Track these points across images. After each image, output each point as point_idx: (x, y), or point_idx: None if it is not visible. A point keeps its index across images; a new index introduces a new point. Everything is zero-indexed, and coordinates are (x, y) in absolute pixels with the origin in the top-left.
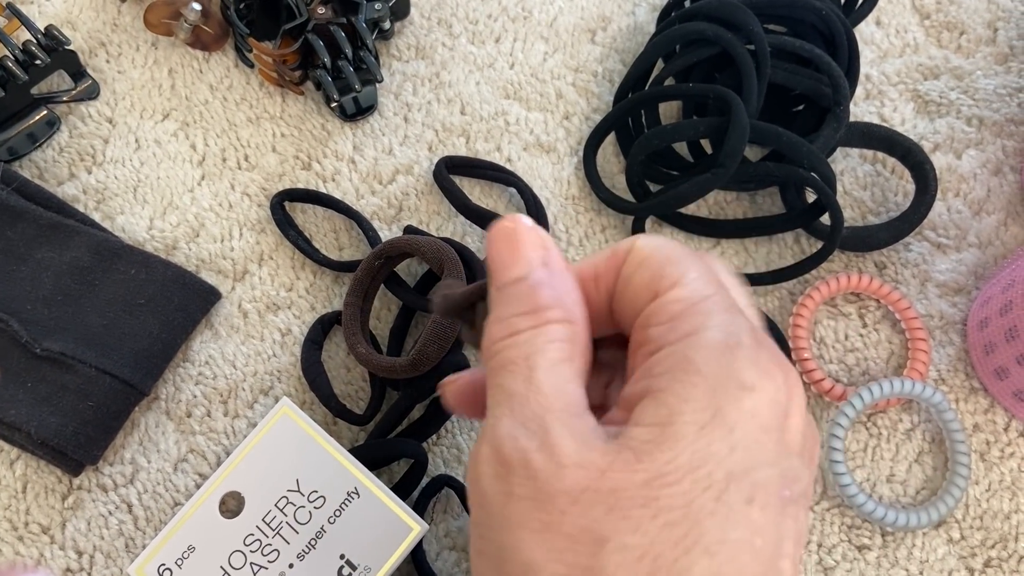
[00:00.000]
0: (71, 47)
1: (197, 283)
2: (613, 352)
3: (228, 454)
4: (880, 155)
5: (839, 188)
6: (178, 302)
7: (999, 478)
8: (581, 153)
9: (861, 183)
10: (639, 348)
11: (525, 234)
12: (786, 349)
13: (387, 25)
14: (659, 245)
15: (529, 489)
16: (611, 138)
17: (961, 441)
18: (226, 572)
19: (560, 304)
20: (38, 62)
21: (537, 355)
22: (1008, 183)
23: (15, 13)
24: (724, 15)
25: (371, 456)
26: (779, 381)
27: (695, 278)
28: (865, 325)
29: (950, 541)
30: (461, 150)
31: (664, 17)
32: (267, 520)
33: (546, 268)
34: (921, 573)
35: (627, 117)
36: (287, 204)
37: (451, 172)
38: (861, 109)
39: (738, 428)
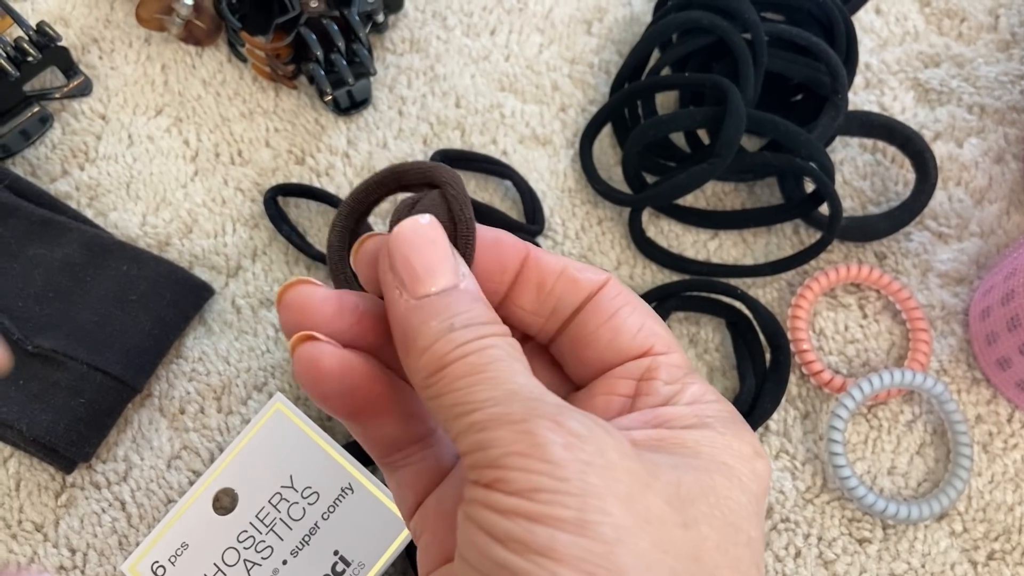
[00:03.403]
0: (63, 43)
1: (190, 279)
2: None
3: (221, 451)
4: (880, 144)
5: (839, 178)
6: (171, 298)
7: (1002, 470)
8: (577, 145)
9: (861, 172)
10: (644, 394)
11: (443, 238)
12: (786, 341)
13: (381, 18)
14: (630, 293)
15: (605, 461)
16: (607, 130)
17: (963, 432)
18: (220, 569)
19: (494, 316)
20: (30, 59)
21: (515, 363)
22: (1010, 171)
23: (6, 10)
24: (720, 3)
25: (365, 452)
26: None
27: (674, 343)
28: (865, 316)
29: (952, 534)
30: (456, 143)
31: (660, 6)
32: (261, 517)
33: (465, 277)
34: (923, 566)
35: (623, 108)
36: (281, 199)
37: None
38: (861, 98)
39: (749, 479)
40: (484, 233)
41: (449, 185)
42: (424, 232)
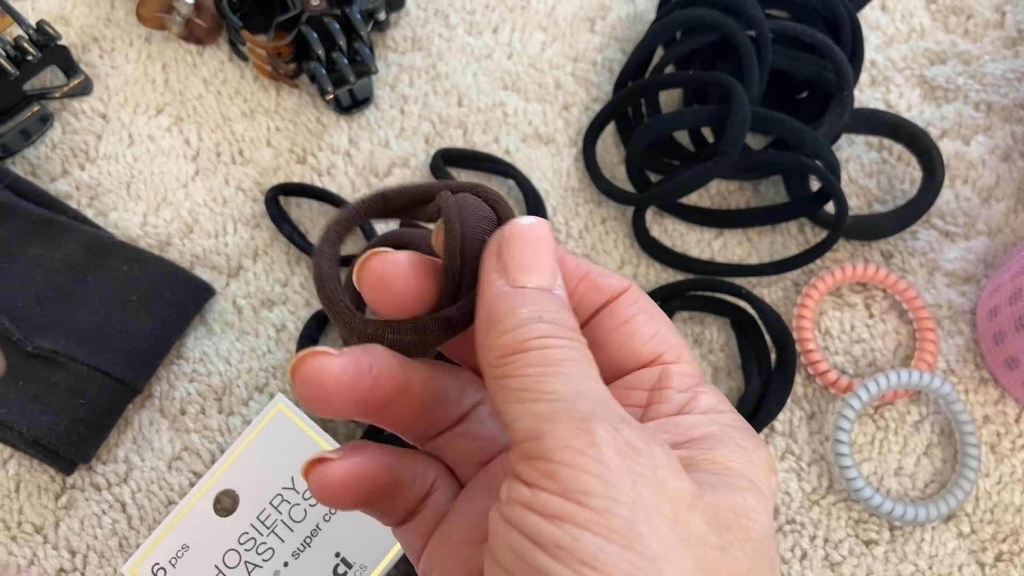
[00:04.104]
0: (63, 42)
1: (190, 279)
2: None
3: (222, 452)
4: (886, 142)
5: (844, 176)
6: (171, 298)
7: (1010, 470)
8: (580, 144)
9: (867, 171)
10: (657, 403)
11: (551, 244)
12: (791, 341)
13: (382, 16)
14: (649, 301)
15: (656, 477)
16: (611, 128)
17: (971, 433)
18: (220, 571)
19: (577, 327)
20: (30, 58)
21: (589, 367)
22: (1018, 169)
23: (6, 8)
24: (725, 0)
25: None
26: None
27: (685, 351)
28: (871, 315)
29: (960, 535)
30: (458, 142)
31: (664, 3)
32: (262, 518)
33: (560, 288)
34: (930, 568)
35: (627, 106)
36: (282, 198)
37: (448, 164)
38: (867, 95)
39: (769, 496)
40: None
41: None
42: (536, 231)
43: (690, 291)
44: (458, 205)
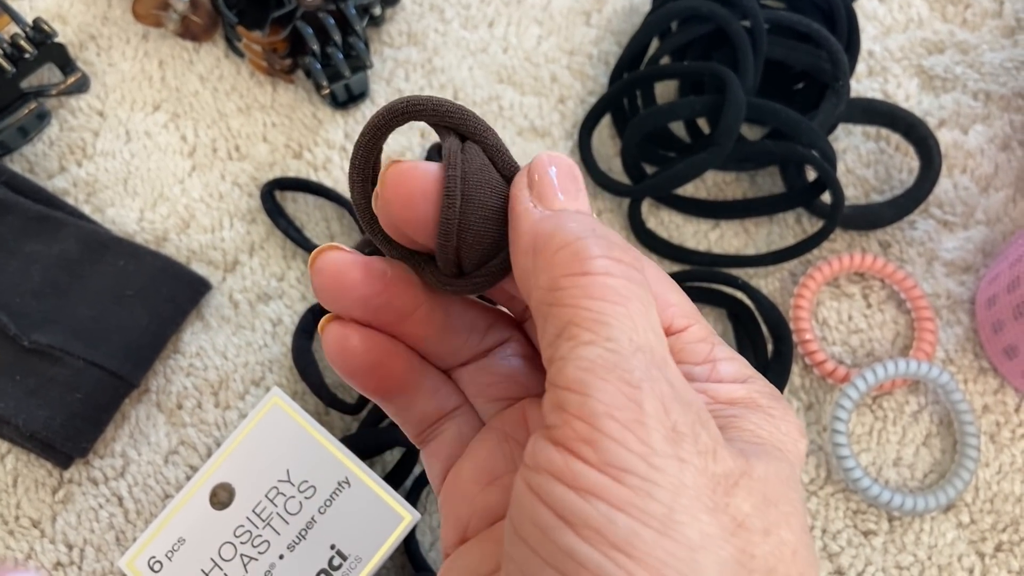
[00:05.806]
0: (60, 40)
1: (187, 274)
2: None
3: (219, 445)
4: (884, 132)
5: (842, 166)
6: (167, 293)
7: (1010, 460)
8: (576, 136)
9: (864, 161)
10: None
11: (581, 179)
12: (788, 331)
13: (378, 11)
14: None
15: (700, 462)
16: (606, 121)
17: (970, 423)
18: (216, 564)
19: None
20: (27, 56)
21: (653, 311)
22: (1016, 158)
23: (3, 7)
24: None
25: (362, 445)
26: None
27: (692, 312)
28: (869, 305)
29: (959, 525)
30: None
31: None
32: (258, 511)
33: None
34: (929, 558)
35: (622, 98)
36: (278, 193)
37: None
38: (864, 86)
39: (797, 464)
40: None
41: (484, 138)
42: (571, 167)
43: (687, 282)
44: (463, 170)
